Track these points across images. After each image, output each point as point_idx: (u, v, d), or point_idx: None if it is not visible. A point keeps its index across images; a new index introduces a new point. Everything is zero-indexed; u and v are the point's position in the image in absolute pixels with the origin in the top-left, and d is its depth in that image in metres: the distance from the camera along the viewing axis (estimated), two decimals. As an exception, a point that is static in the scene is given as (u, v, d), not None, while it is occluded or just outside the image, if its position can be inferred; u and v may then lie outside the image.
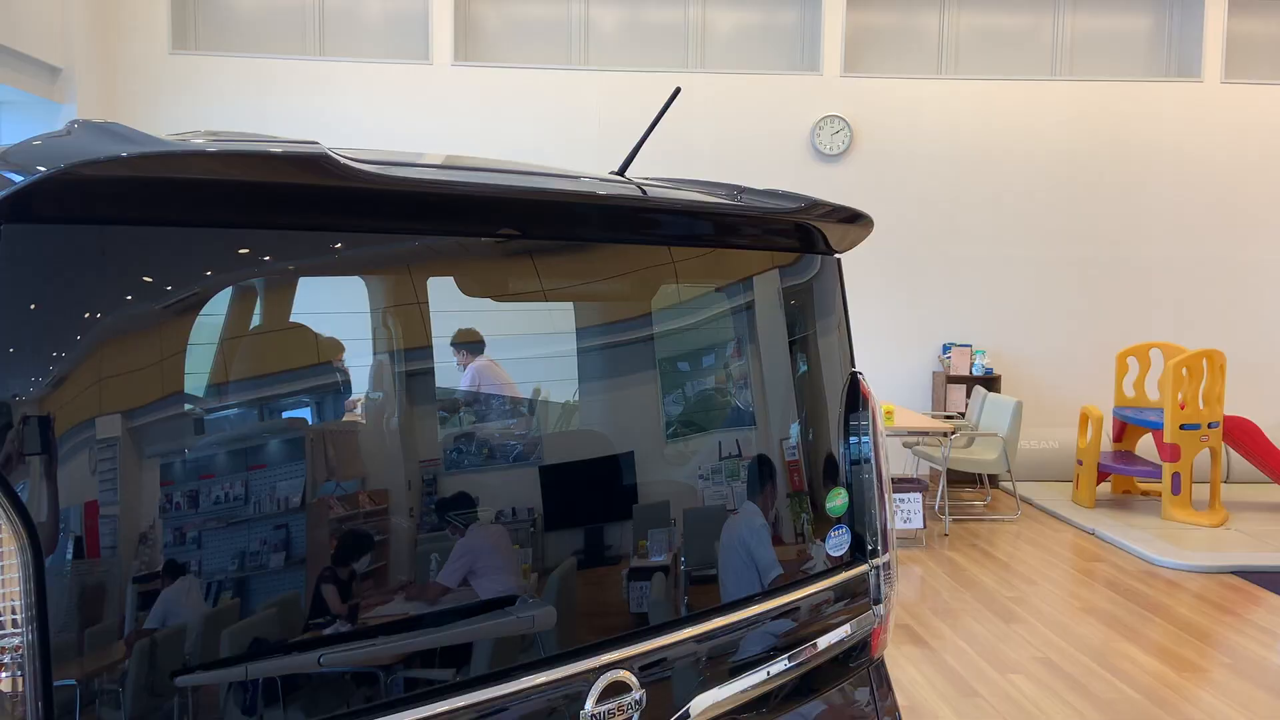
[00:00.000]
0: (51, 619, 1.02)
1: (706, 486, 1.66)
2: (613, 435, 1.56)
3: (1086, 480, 8.21)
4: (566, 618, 1.43)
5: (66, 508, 1.04)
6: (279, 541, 1.19)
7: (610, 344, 1.56)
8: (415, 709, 1.25)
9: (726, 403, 1.73)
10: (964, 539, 7.52)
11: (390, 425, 1.30)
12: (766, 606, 1.70)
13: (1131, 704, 4.56)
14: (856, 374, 1.95)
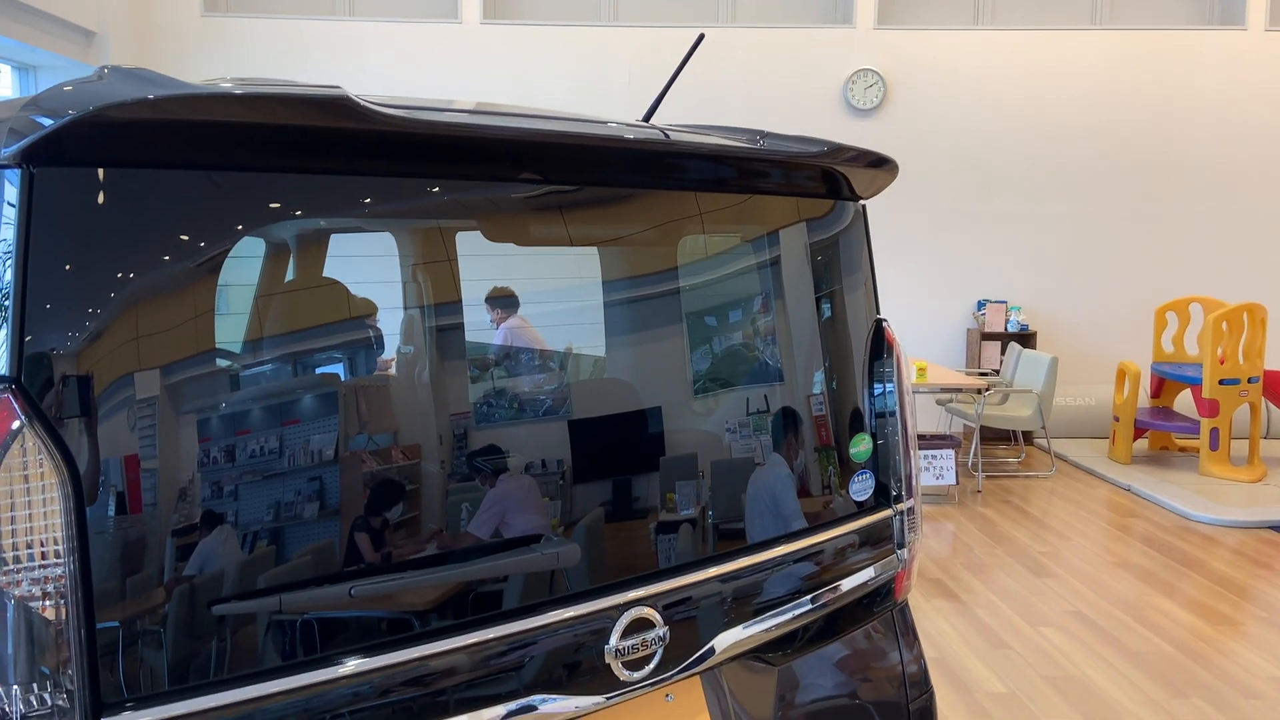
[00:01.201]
0: (93, 550, 1.06)
1: (732, 434, 1.67)
2: (639, 384, 1.57)
3: (1123, 436, 8.13)
4: (592, 556, 1.46)
5: (104, 443, 1.07)
6: (314, 477, 1.22)
7: (636, 290, 1.57)
8: (443, 641, 1.29)
9: (751, 350, 1.74)
10: (997, 495, 7.49)
11: (421, 377, 1.33)
12: (789, 548, 1.71)
13: (1164, 656, 4.55)
14: (881, 321, 1.95)
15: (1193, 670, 4.40)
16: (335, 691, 1.20)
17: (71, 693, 1.04)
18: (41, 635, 1.02)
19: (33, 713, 1.02)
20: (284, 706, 1.17)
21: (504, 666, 1.35)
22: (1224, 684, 4.26)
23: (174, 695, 1.10)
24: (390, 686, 1.25)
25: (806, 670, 1.78)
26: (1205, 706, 4.04)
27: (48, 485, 1.04)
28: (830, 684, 1.81)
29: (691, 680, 1.62)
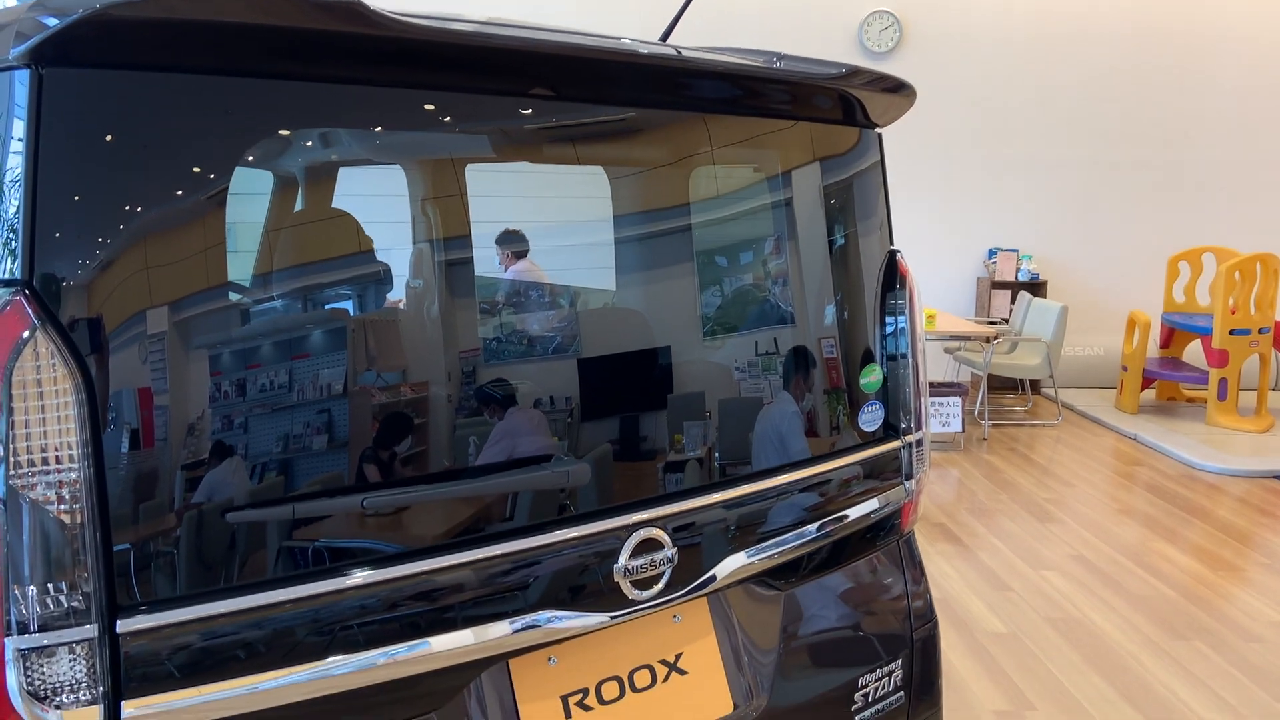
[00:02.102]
0: (107, 455, 1.06)
1: (742, 361, 1.67)
2: (650, 313, 1.57)
3: (1131, 386, 8.12)
4: (602, 477, 1.46)
5: (117, 348, 1.07)
6: (334, 383, 1.22)
7: (648, 219, 1.56)
8: (453, 555, 1.30)
9: (763, 277, 1.73)
10: (1003, 443, 7.51)
11: (431, 312, 1.33)
12: (798, 475, 1.72)
13: (1166, 600, 4.59)
14: (894, 252, 1.94)
15: (1193, 614, 4.44)
16: (345, 603, 1.22)
17: (87, 595, 1.05)
18: (57, 538, 1.03)
19: (48, 614, 1.03)
20: (295, 616, 1.18)
21: (514, 583, 1.36)
22: (1224, 627, 4.30)
23: (188, 600, 1.11)
24: (400, 600, 1.26)
25: (812, 597, 1.79)
26: (1205, 649, 4.08)
27: (61, 390, 1.04)
28: (835, 611, 1.82)
29: (699, 603, 1.64)
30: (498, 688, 1.39)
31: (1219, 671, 3.88)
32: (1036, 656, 3.99)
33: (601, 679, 1.51)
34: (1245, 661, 3.97)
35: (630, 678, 1.54)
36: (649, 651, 1.57)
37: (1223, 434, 7.46)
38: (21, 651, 1.02)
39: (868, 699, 1.84)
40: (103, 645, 1.05)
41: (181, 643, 1.10)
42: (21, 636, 1.02)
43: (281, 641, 1.17)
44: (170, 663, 1.09)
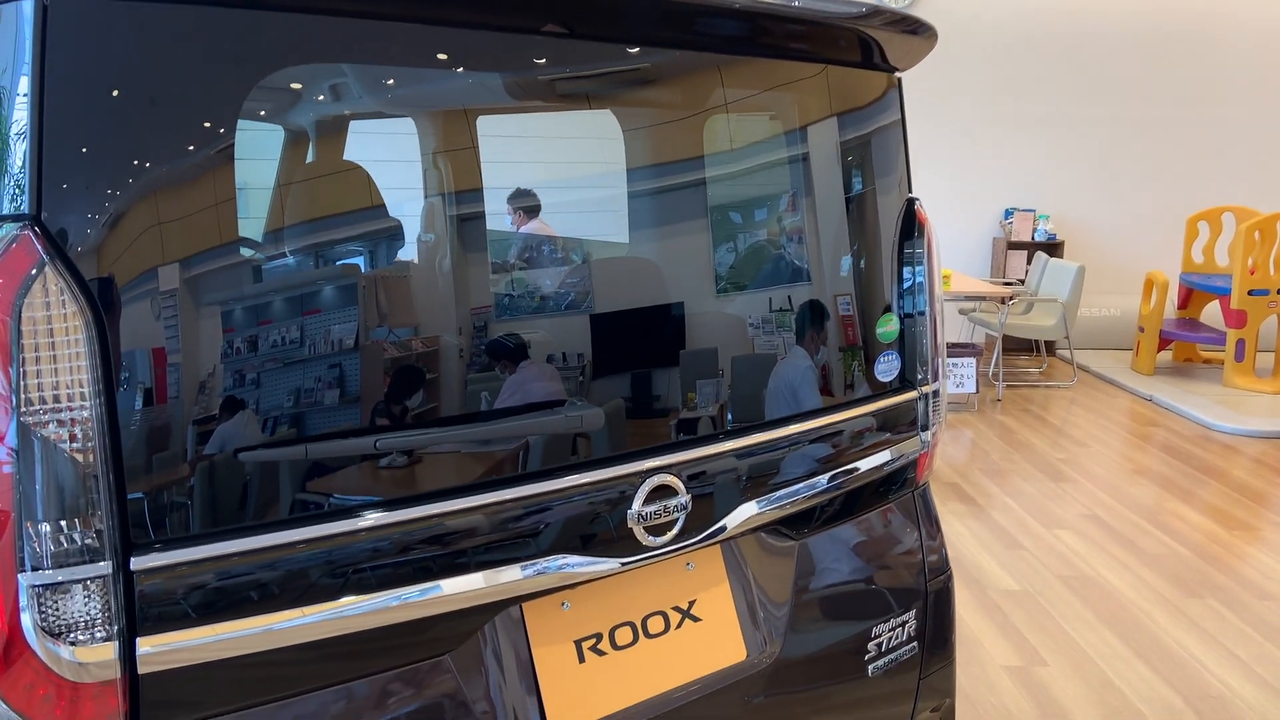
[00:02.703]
0: (119, 392, 1.06)
1: (756, 311, 1.65)
2: (663, 263, 1.55)
3: (1147, 347, 8.06)
4: (615, 423, 1.45)
5: (128, 284, 1.06)
6: (347, 315, 1.21)
7: (661, 173, 1.54)
8: (466, 498, 1.29)
9: (778, 227, 1.71)
10: (1017, 404, 7.48)
11: (442, 264, 1.32)
12: (812, 425, 1.70)
13: (1179, 559, 4.58)
14: (913, 200, 1.91)
15: (1207, 572, 4.43)
16: (358, 545, 1.21)
17: (100, 532, 1.04)
18: (69, 476, 1.03)
19: (62, 551, 1.03)
20: (307, 557, 1.18)
21: (527, 527, 1.35)
22: (1238, 585, 4.29)
23: (201, 539, 1.11)
24: (413, 542, 1.25)
25: (826, 547, 1.78)
26: (1218, 606, 4.08)
27: (72, 327, 1.03)
28: (849, 561, 1.82)
29: (713, 551, 1.63)
30: (511, 631, 1.39)
31: (1232, 629, 3.88)
32: (1049, 613, 3.99)
33: (615, 624, 1.51)
34: (1259, 619, 3.96)
35: (644, 624, 1.54)
36: (662, 598, 1.57)
37: (1239, 395, 7.41)
38: (35, 588, 1.02)
39: (881, 649, 1.84)
40: (116, 582, 1.05)
41: (195, 581, 1.10)
42: (35, 573, 1.02)
43: (294, 582, 1.16)
44: (184, 601, 1.09)
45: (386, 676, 1.26)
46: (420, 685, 1.29)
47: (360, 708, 1.24)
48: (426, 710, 1.29)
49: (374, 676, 1.25)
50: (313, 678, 1.20)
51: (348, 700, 1.23)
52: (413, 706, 1.28)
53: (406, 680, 1.28)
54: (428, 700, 1.29)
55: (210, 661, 1.12)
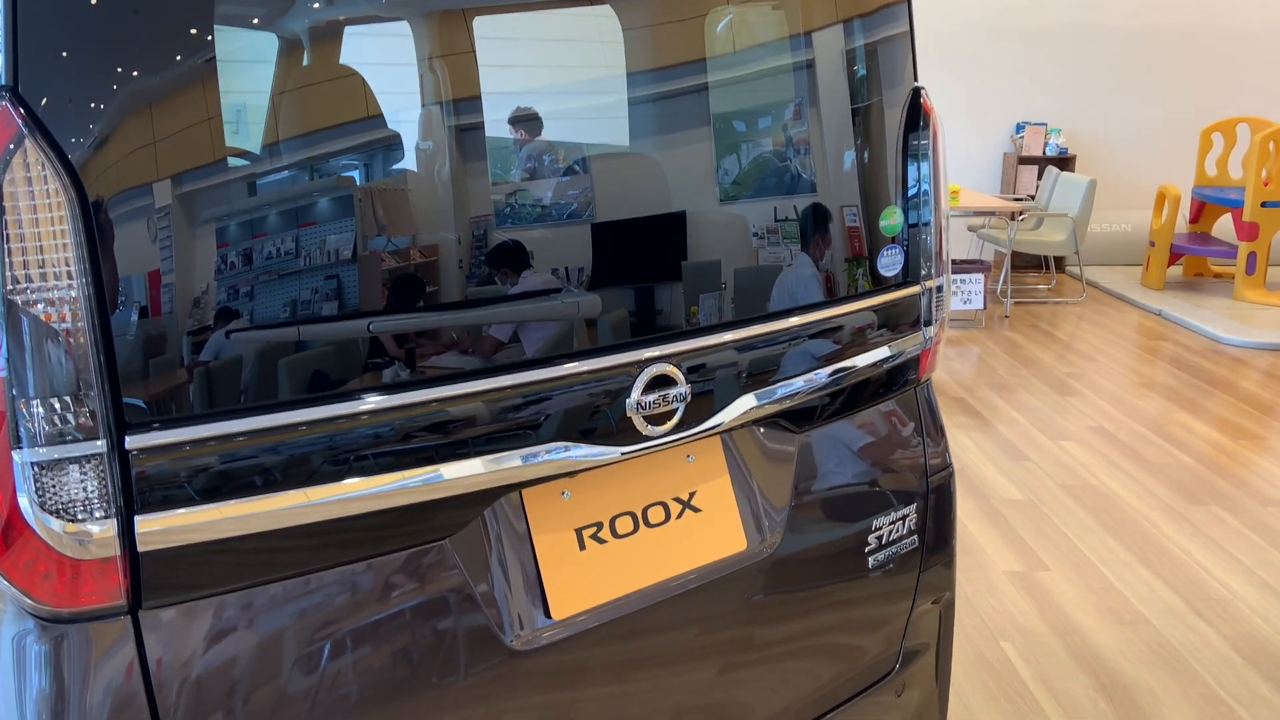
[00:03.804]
0: (106, 269, 1.04)
1: (758, 212, 1.62)
2: (663, 157, 1.53)
3: (1158, 262, 7.99)
4: (614, 311, 1.44)
5: (113, 158, 1.04)
6: (343, 191, 1.19)
7: (661, 76, 1.50)
8: (463, 384, 1.28)
9: (780, 114, 1.67)
10: (1025, 321, 7.45)
11: (442, 174, 1.29)
12: (814, 318, 1.69)
13: (1183, 468, 4.59)
14: (919, 89, 1.86)
15: (1212, 480, 4.44)
16: (355, 429, 1.21)
17: (93, 412, 1.04)
18: (59, 355, 1.02)
19: (55, 430, 1.03)
20: (305, 440, 1.17)
21: (526, 413, 1.35)
22: (1242, 493, 4.31)
23: (196, 419, 1.10)
24: (411, 426, 1.25)
25: (828, 441, 1.78)
26: (1222, 513, 4.10)
27: (55, 204, 1.01)
28: (850, 455, 1.82)
29: (713, 443, 1.63)
30: (512, 518, 1.40)
31: (1235, 534, 3.90)
32: (1051, 521, 4.02)
33: (615, 514, 1.51)
34: (1262, 525, 3.99)
35: (644, 513, 1.54)
36: (662, 489, 1.57)
37: (1249, 308, 7.37)
38: (30, 465, 1.02)
39: (881, 542, 1.85)
40: (112, 461, 1.05)
41: (191, 461, 1.10)
42: (31, 450, 1.02)
43: (291, 465, 1.16)
44: (181, 481, 1.09)
45: (387, 560, 1.27)
46: (421, 570, 1.30)
47: (361, 590, 1.25)
48: (428, 594, 1.30)
49: (375, 560, 1.26)
50: (313, 560, 1.21)
51: (348, 582, 1.24)
52: (414, 590, 1.29)
53: (407, 564, 1.29)
54: (429, 584, 1.30)
55: (209, 542, 1.12)
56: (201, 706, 1.13)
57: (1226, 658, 3.07)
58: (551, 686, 1.42)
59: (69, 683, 1.06)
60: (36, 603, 1.06)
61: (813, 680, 1.79)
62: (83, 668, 1.07)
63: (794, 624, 1.73)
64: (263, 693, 1.17)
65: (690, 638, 1.58)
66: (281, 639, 1.19)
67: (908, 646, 1.97)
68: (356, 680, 1.24)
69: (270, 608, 1.18)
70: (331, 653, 1.22)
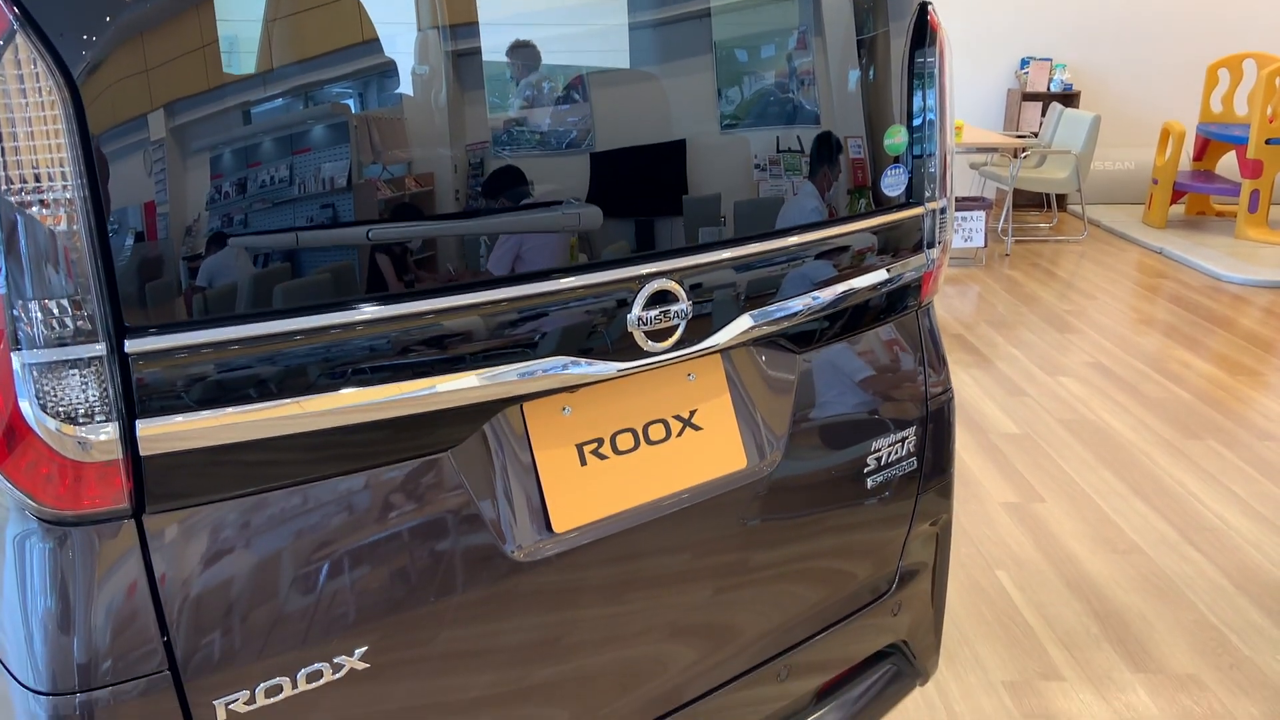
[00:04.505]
0: (101, 170, 1.02)
1: (759, 124, 1.60)
2: (663, 75, 1.50)
3: (1160, 200, 7.94)
4: (615, 224, 1.42)
5: (109, 55, 1.01)
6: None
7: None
8: (462, 295, 1.27)
9: (784, 35, 1.64)
10: (1025, 259, 7.42)
11: (439, 101, 1.26)
12: (816, 237, 1.67)
13: (1181, 403, 4.61)
14: (926, 4, 1.83)
15: (1208, 415, 4.46)
16: (356, 338, 1.20)
17: (91, 316, 1.03)
18: (57, 257, 1.01)
19: (54, 333, 1.02)
20: (304, 347, 1.16)
21: (526, 326, 1.34)
22: (1239, 427, 4.33)
23: (195, 325, 1.10)
24: (409, 339, 1.24)
25: (829, 361, 1.78)
26: (1218, 446, 4.12)
27: (48, 102, 0.99)
28: (851, 376, 1.81)
29: (714, 362, 1.63)
30: (513, 433, 1.40)
31: (1231, 467, 3.93)
32: (1048, 454, 4.05)
33: (616, 430, 1.52)
34: (1258, 458, 4.01)
35: (645, 430, 1.55)
36: (663, 407, 1.57)
37: (1251, 246, 7.33)
38: (30, 367, 1.01)
39: (880, 463, 1.86)
40: (112, 364, 1.05)
41: (191, 366, 1.09)
42: (30, 352, 1.01)
43: (292, 373, 1.16)
44: (181, 386, 1.09)
45: (389, 471, 1.27)
46: (423, 481, 1.30)
47: (365, 500, 1.25)
48: (430, 505, 1.30)
49: (377, 470, 1.26)
50: (316, 469, 1.21)
51: (353, 492, 1.24)
52: (416, 501, 1.29)
53: (409, 476, 1.29)
54: (431, 496, 1.31)
55: (212, 448, 1.12)
56: (206, 610, 1.14)
57: (1219, 585, 3.11)
58: (552, 599, 1.43)
59: (73, 584, 1.07)
60: (40, 505, 1.06)
61: (811, 598, 1.81)
62: (87, 570, 1.08)
63: (793, 542, 1.74)
64: (267, 598, 1.18)
65: (689, 554, 1.59)
66: (286, 546, 1.20)
67: (905, 567, 1.99)
68: (360, 587, 1.25)
69: (275, 515, 1.19)
70: (335, 560, 1.23)
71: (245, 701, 1.17)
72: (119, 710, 1.09)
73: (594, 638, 1.50)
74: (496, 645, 1.39)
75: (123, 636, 1.09)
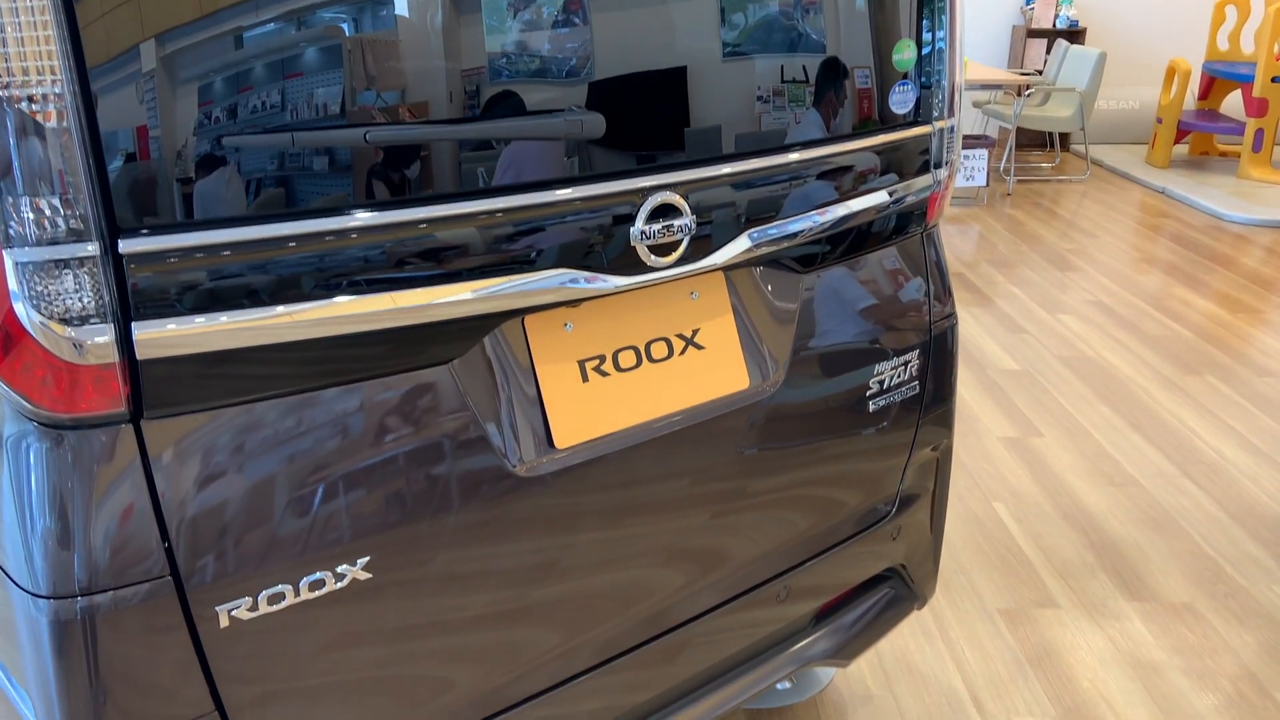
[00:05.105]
0: (92, 67, 0.99)
1: (764, 34, 1.56)
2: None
3: (1164, 139, 7.86)
4: (618, 134, 1.39)
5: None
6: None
7: None
8: (461, 203, 1.25)
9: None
10: (1027, 198, 7.36)
11: (434, 23, 1.22)
12: (823, 152, 1.64)
13: (1180, 339, 4.60)
14: (935, -83, 1.77)
15: (1208, 351, 4.45)
16: (354, 243, 1.17)
17: (84, 216, 1.01)
18: (48, 153, 0.98)
19: (46, 234, 1.00)
20: (302, 260, 1.14)
21: (525, 238, 1.32)
22: (1237, 363, 4.33)
23: (190, 226, 1.07)
24: (410, 244, 1.22)
25: (832, 282, 1.76)
26: (1216, 382, 4.12)
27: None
28: (855, 298, 1.80)
29: (717, 281, 1.61)
30: (514, 347, 1.38)
31: (1229, 403, 3.93)
32: (1047, 390, 4.04)
33: (618, 347, 1.50)
34: (1257, 394, 4.01)
35: (647, 348, 1.53)
36: (666, 325, 1.56)
37: (1254, 186, 7.28)
38: (23, 266, 0.99)
39: (883, 386, 1.85)
40: (106, 266, 1.02)
41: (187, 270, 1.07)
42: (21, 250, 0.99)
43: (290, 278, 1.14)
44: (177, 290, 1.07)
45: (390, 382, 1.26)
46: (424, 393, 1.29)
47: (363, 411, 1.24)
48: (430, 417, 1.29)
49: (378, 380, 1.25)
50: (316, 377, 1.20)
51: (351, 402, 1.23)
52: (416, 412, 1.28)
53: (410, 387, 1.27)
54: (431, 408, 1.29)
55: (209, 354, 1.10)
56: (207, 516, 1.13)
57: (1215, 518, 3.12)
58: (554, 516, 1.43)
59: (71, 488, 1.06)
60: (37, 408, 1.05)
61: (811, 520, 1.81)
62: (85, 474, 1.07)
63: (794, 464, 1.74)
64: (267, 506, 1.17)
65: (690, 474, 1.58)
66: (286, 456, 1.18)
67: (905, 491, 1.99)
68: (361, 497, 1.24)
69: (275, 424, 1.18)
70: (336, 470, 1.22)
71: (248, 608, 1.17)
72: (121, 615, 1.09)
73: (595, 555, 1.50)
74: (498, 560, 1.39)
75: (122, 541, 1.08)
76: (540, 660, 1.49)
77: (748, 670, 1.87)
